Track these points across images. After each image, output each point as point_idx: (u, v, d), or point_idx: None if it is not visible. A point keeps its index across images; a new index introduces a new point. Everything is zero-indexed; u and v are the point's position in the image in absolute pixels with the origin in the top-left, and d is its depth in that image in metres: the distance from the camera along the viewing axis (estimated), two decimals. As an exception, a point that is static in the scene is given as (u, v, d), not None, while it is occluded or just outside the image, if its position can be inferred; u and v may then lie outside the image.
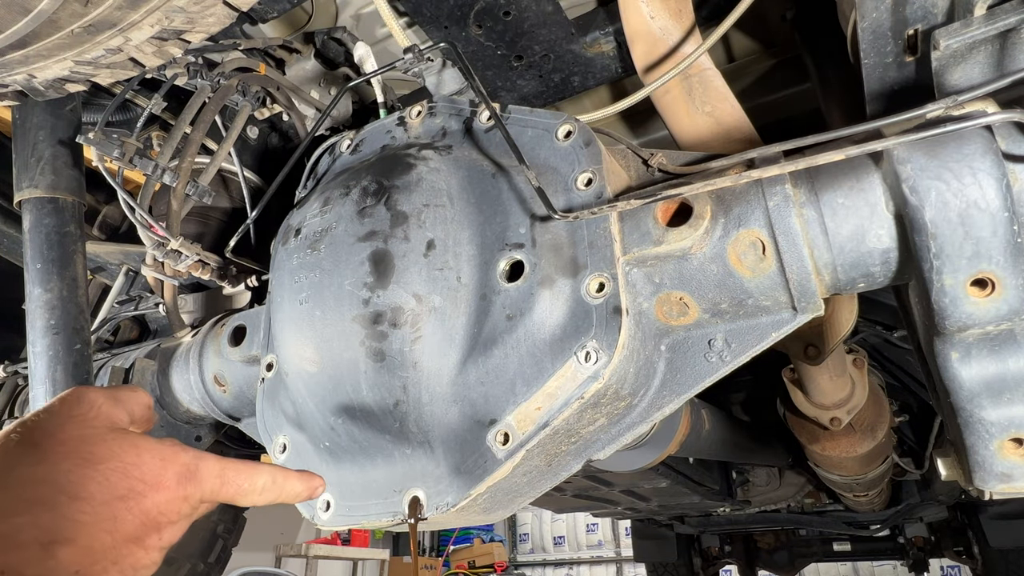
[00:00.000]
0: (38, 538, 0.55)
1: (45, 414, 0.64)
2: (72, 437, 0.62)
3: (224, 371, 1.45)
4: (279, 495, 0.77)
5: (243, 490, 0.73)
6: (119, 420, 0.68)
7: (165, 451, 0.67)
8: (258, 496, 0.75)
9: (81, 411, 0.65)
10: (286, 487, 0.78)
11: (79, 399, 0.67)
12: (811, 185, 0.91)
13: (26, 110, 1.45)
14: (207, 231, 1.79)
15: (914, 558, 5.31)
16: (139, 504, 0.63)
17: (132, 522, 0.62)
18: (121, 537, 0.60)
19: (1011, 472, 0.87)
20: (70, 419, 0.64)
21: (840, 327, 1.78)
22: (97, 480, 0.60)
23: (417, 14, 1.62)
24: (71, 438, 0.62)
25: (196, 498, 0.68)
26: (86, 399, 0.67)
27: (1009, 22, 0.79)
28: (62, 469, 0.59)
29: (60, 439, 0.62)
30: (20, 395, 1.89)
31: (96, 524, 0.59)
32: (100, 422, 0.66)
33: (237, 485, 0.72)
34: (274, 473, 0.77)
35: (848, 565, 10.75)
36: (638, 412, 1.00)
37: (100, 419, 0.66)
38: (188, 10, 1.07)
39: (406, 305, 0.99)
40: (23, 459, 0.59)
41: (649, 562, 5.84)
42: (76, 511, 0.58)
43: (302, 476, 0.80)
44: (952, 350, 0.86)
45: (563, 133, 1.05)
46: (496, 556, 11.92)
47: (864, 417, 2.62)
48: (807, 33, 1.63)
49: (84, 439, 0.63)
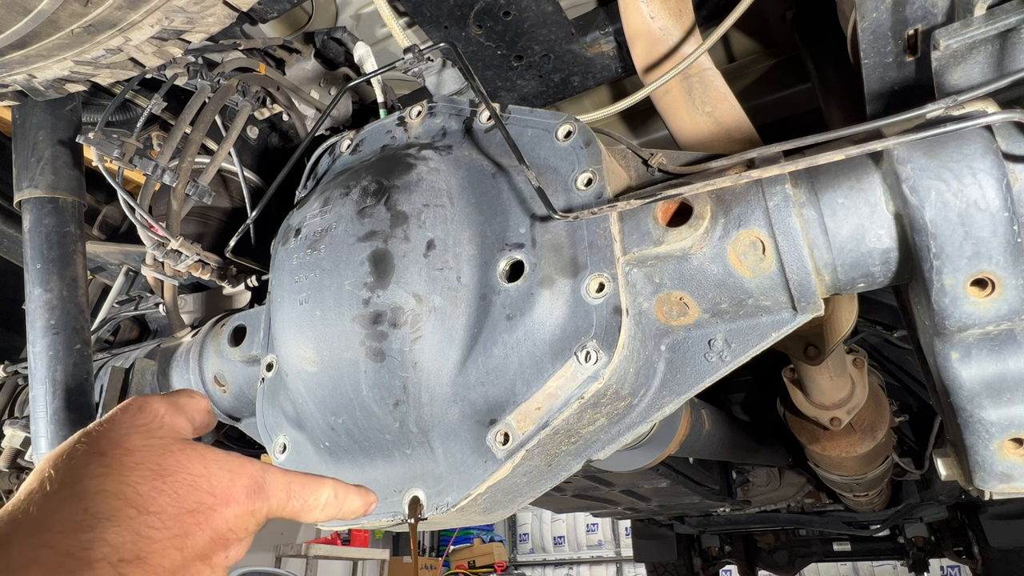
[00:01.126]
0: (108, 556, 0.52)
1: (109, 424, 0.61)
2: (139, 448, 0.59)
3: (224, 371, 1.45)
4: (339, 511, 0.74)
5: (308, 505, 0.70)
6: (182, 429, 0.66)
7: (233, 463, 0.64)
8: (320, 512, 0.72)
9: (144, 420, 0.63)
10: (346, 503, 0.75)
11: (141, 408, 0.64)
12: (811, 185, 0.91)
13: (26, 110, 1.45)
14: (207, 231, 1.79)
15: (914, 558, 5.32)
16: (208, 519, 0.60)
17: (202, 538, 0.59)
18: (191, 554, 0.58)
19: (1011, 472, 0.87)
20: (135, 429, 0.61)
21: (840, 327, 1.78)
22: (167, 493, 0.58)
23: (417, 14, 1.62)
24: (138, 449, 0.59)
25: (263, 513, 0.65)
26: (149, 408, 0.64)
27: (1009, 22, 0.79)
28: (130, 481, 0.56)
29: (126, 449, 0.59)
30: (20, 395, 1.89)
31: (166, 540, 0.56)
32: (165, 432, 0.63)
33: (303, 500, 0.69)
34: (336, 488, 0.74)
35: (848, 565, 10.75)
36: (638, 412, 1.00)
37: (164, 429, 0.63)
38: (188, 10, 1.07)
39: (406, 305, 0.99)
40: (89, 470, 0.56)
41: (649, 562, 5.84)
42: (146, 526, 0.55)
43: (360, 492, 0.77)
44: (952, 350, 0.86)
45: (563, 133, 1.05)
46: (496, 556, 11.92)
47: (864, 417, 2.62)
48: (807, 33, 1.63)
49: (151, 450, 0.60)
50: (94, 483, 0.55)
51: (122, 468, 0.57)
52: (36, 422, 1.39)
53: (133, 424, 0.61)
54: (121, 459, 0.58)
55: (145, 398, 0.65)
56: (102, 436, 0.59)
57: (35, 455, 1.40)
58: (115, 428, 0.61)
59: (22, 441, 1.65)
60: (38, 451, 1.38)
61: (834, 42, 1.50)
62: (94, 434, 0.59)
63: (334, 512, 0.73)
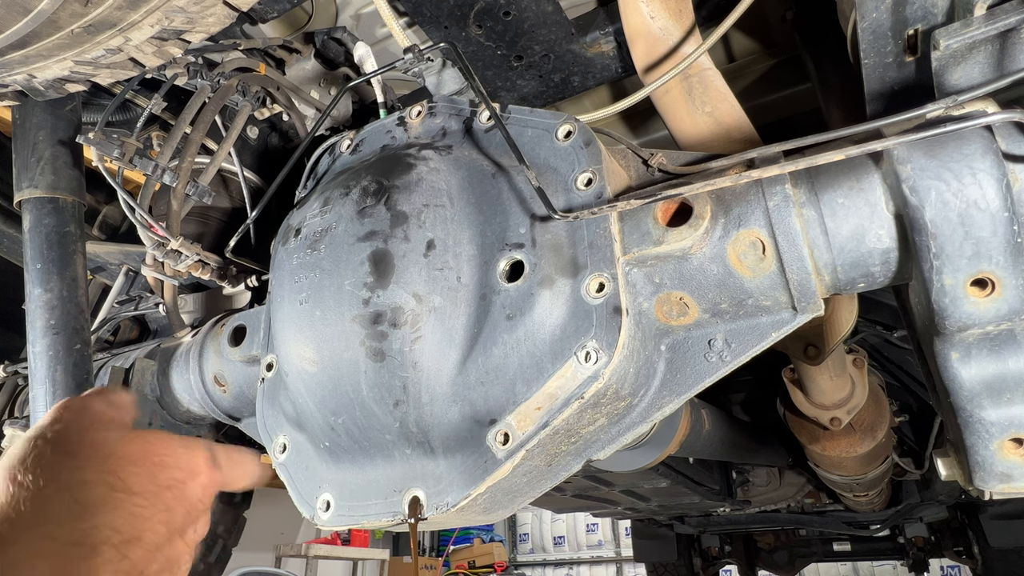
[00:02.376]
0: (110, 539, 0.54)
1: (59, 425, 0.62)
2: (102, 441, 0.62)
3: (224, 371, 1.45)
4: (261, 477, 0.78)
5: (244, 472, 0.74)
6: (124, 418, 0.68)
7: (186, 440, 0.67)
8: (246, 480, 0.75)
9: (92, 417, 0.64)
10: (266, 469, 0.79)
11: (82, 407, 0.65)
12: (811, 185, 0.91)
13: (26, 110, 1.45)
14: (207, 231, 1.79)
15: (914, 558, 5.32)
16: (183, 492, 0.63)
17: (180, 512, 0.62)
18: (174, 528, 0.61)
19: (1011, 472, 0.87)
20: (88, 426, 0.63)
21: (840, 327, 1.78)
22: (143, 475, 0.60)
23: (417, 14, 1.62)
24: (102, 442, 0.61)
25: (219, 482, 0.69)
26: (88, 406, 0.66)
27: (1009, 22, 0.79)
28: (108, 469, 0.59)
29: (91, 443, 0.61)
30: (20, 395, 1.89)
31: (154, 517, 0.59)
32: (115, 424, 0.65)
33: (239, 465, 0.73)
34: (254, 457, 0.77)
35: (848, 565, 10.75)
36: (638, 412, 1.00)
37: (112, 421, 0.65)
38: (188, 10, 1.07)
39: (406, 305, 0.99)
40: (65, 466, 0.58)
41: (649, 562, 5.84)
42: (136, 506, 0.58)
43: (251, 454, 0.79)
44: (952, 350, 0.86)
45: (563, 133, 1.05)
46: (496, 556, 11.92)
47: (864, 417, 2.62)
48: (807, 33, 1.63)
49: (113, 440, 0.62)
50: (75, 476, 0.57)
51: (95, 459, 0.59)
52: (36, 422, 1.39)
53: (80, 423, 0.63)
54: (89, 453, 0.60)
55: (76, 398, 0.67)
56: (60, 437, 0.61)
57: (35, 455, 1.40)
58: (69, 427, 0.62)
59: (22, 441, 1.65)
60: (38, 451, 1.38)
61: (834, 42, 1.50)
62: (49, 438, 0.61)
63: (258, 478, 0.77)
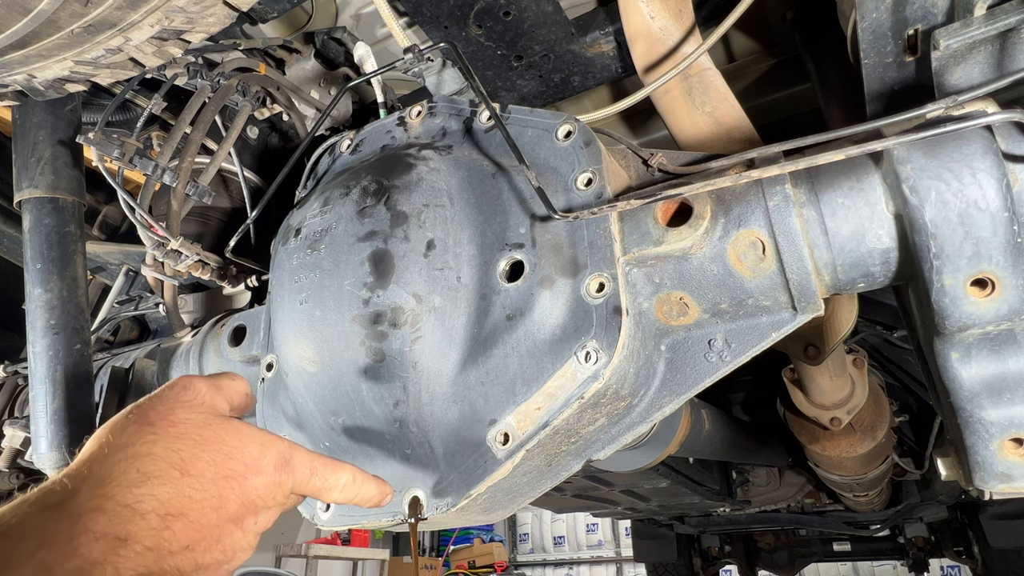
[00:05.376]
0: (156, 509, 0.60)
1: (157, 399, 0.69)
2: (182, 420, 0.67)
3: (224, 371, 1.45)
4: (356, 495, 0.81)
5: (328, 485, 0.77)
6: (221, 407, 0.73)
7: (264, 438, 0.72)
8: (339, 493, 0.79)
9: (189, 397, 0.70)
10: (363, 489, 0.81)
11: (186, 387, 0.71)
12: (811, 185, 0.91)
13: (26, 110, 1.45)
14: (207, 231, 1.79)
15: (914, 558, 5.32)
16: (241, 485, 0.67)
17: (235, 502, 0.66)
18: (225, 515, 0.65)
19: (1011, 472, 0.87)
20: (180, 404, 0.69)
21: (840, 327, 1.78)
22: (205, 460, 0.65)
23: (417, 14, 1.62)
24: (181, 420, 0.67)
25: (288, 486, 0.73)
26: (192, 387, 0.72)
27: (1009, 22, 0.79)
28: (175, 448, 0.64)
29: (172, 421, 0.67)
30: (20, 395, 1.89)
31: (204, 501, 0.63)
32: (206, 408, 0.71)
33: (324, 479, 0.77)
34: (355, 473, 0.81)
35: (848, 565, 10.75)
36: (638, 412, 1.00)
37: (205, 405, 0.71)
38: (188, 10, 1.07)
39: (406, 305, 0.99)
40: (140, 437, 0.64)
41: (649, 562, 5.84)
42: (188, 487, 0.63)
43: (377, 482, 0.84)
44: (952, 350, 0.86)
45: (563, 133, 1.05)
46: (496, 556, 11.92)
47: (864, 417, 2.62)
48: (807, 33, 1.63)
49: (193, 423, 0.68)
50: (144, 448, 0.63)
51: (168, 436, 0.65)
52: (36, 422, 1.39)
53: (178, 400, 0.70)
54: (167, 429, 0.66)
55: (190, 378, 0.73)
56: (151, 409, 0.68)
57: (35, 455, 1.40)
58: (162, 403, 0.69)
59: (22, 441, 1.65)
60: (38, 451, 1.38)
61: (834, 42, 1.50)
62: (144, 407, 0.68)
63: (351, 495, 0.80)
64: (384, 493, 0.85)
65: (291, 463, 0.73)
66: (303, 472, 0.74)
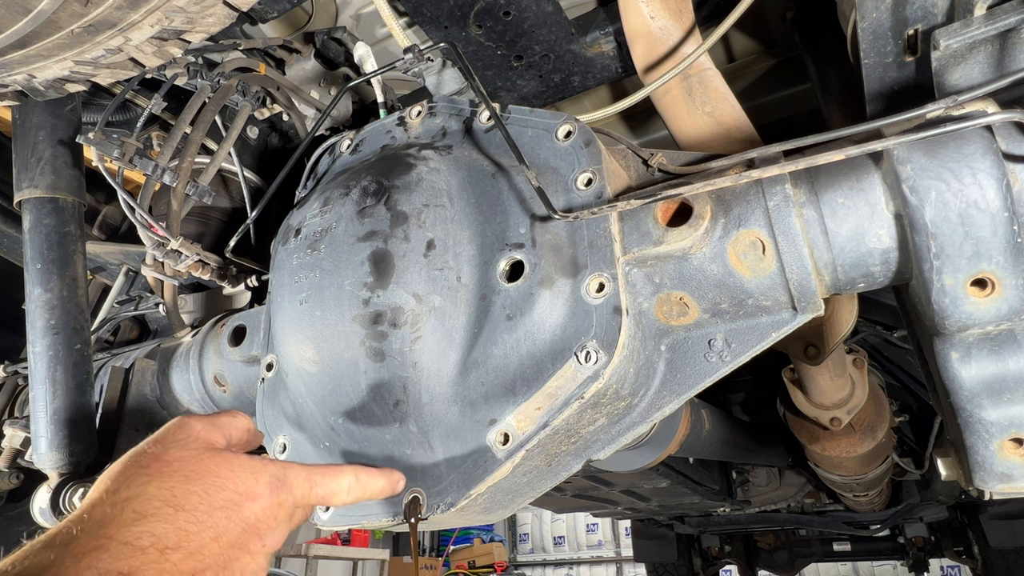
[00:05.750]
0: (155, 544, 0.63)
1: (154, 441, 0.74)
2: (175, 458, 0.71)
3: (224, 371, 1.45)
4: (363, 493, 0.85)
5: (331, 491, 0.81)
6: (216, 442, 0.77)
7: (255, 465, 0.75)
8: (346, 495, 0.83)
9: (184, 435, 0.75)
10: (369, 484, 0.86)
11: (181, 426, 0.76)
12: (811, 185, 0.91)
13: (26, 110, 1.44)
14: (207, 231, 1.79)
15: (914, 558, 5.32)
16: (238, 513, 0.70)
17: (234, 530, 0.69)
18: (227, 543, 0.68)
19: (1011, 472, 0.87)
20: (174, 443, 0.73)
21: (840, 327, 1.78)
22: (198, 494, 0.69)
23: (417, 14, 1.62)
24: (175, 459, 0.71)
25: (289, 503, 0.76)
26: (187, 425, 0.76)
27: (1009, 22, 0.79)
28: (167, 486, 0.68)
29: (165, 460, 0.71)
30: (20, 395, 1.89)
31: (202, 532, 0.67)
32: (200, 444, 0.75)
33: (325, 487, 0.80)
34: (357, 472, 0.85)
35: (848, 565, 10.76)
36: (638, 412, 1.00)
37: (200, 442, 0.75)
38: (188, 10, 1.07)
39: (406, 305, 0.99)
40: (135, 480, 0.68)
41: (649, 562, 5.84)
42: (183, 521, 0.66)
43: (383, 472, 0.88)
44: (952, 350, 0.86)
45: (563, 133, 1.05)
46: (496, 556, 11.92)
47: (864, 417, 2.62)
48: (807, 33, 1.63)
49: (185, 460, 0.72)
50: (138, 489, 0.67)
51: (160, 476, 0.69)
52: (36, 422, 1.39)
53: (174, 439, 0.74)
54: (160, 469, 0.70)
55: (187, 418, 0.78)
56: (147, 452, 0.72)
57: (35, 455, 1.40)
58: (158, 444, 0.73)
59: (22, 441, 1.65)
60: (38, 451, 1.38)
61: (834, 42, 1.50)
62: (141, 451, 0.72)
63: (359, 494, 0.84)
64: (394, 481, 0.89)
65: (286, 483, 0.76)
66: (301, 488, 0.78)
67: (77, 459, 1.38)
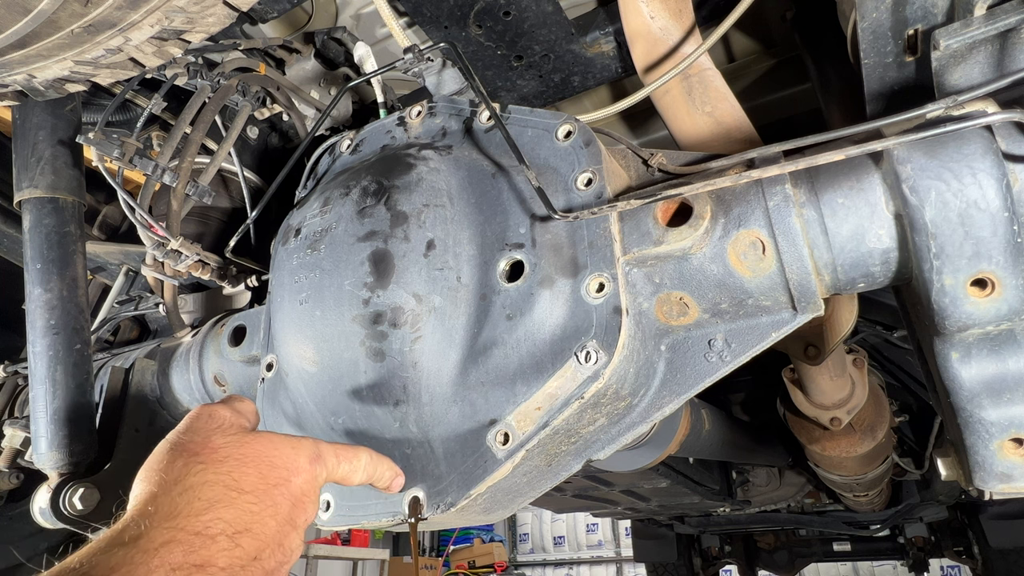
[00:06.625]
0: (225, 531, 0.65)
1: (189, 432, 0.74)
2: (222, 445, 0.73)
3: (224, 371, 1.45)
4: (374, 473, 0.89)
5: (353, 467, 0.84)
6: (246, 424, 0.79)
7: (293, 440, 0.78)
8: (362, 473, 0.86)
9: (218, 423, 0.76)
10: (379, 467, 0.90)
11: (211, 415, 0.77)
12: (811, 185, 0.91)
13: (26, 110, 1.44)
14: (207, 231, 1.79)
15: (914, 558, 5.32)
16: (288, 488, 0.73)
17: (286, 505, 0.72)
18: (282, 520, 0.71)
19: (1011, 472, 0.87)
20: (214, 431, 0.75)
21: (840, 327, 1.78)
22: (254, 475, 0.71)
23: (417, 14, 1.62)
24: (221, 446, 0.73)
25: (323, 477, 0.79)
26: (216, 414, 0.78)
27: (1009, 22, 0.79)
28: (223, 471, 0.70)
29: (213, 447, 0.72)
30: (20, 395, 1.89)
31: (263, 511, 0.69)
32: (236, 429, 0.76)
33: (349, 462, 0.84)
34: (371, 453, 0.88)
35: (848, 565, 10.75)
36: (638, 412, 1.00)
37: (235, 427, 0.77)
38: (188, 10, 1.07)
39: (406, 305, 0.99)
40: (191, 468, 0.69)
41: (649, 562, 5.84)
42: (247, 503, 0.68)
43: (389, 462, 0.92)
44: (952, 350, 0.86)
45: (563, 133, 1.05)
46: (496, 556, 11.92)
47: (864, 417, 2.62)
48: (807, 33, 1.63)
49: (231, 444, 0.73)
50: (199, 477, 0.68)
51: (214, 462, 0.70)
52: (36, 422, 1.39)
53: (210, 428, 0.75)
54: (211, 456, 0.71)
55: (209, 406, 0.79)
56: (189, 441, 0.72)
57: (35, 455, 1.40)
58: (197, 433, 0.74)
59: (22, 441, 1.65)
60: (38, 451, 1.38)
61: (834, 42, 1.50)
62: (182, 441, 0.73)
63: (371, 473, 0.88)
64: (396, 474, 0.93)
65: (322, 456, 0.79)
66: (332, 461, 0.81)
67: (77, 459, 1.38)
